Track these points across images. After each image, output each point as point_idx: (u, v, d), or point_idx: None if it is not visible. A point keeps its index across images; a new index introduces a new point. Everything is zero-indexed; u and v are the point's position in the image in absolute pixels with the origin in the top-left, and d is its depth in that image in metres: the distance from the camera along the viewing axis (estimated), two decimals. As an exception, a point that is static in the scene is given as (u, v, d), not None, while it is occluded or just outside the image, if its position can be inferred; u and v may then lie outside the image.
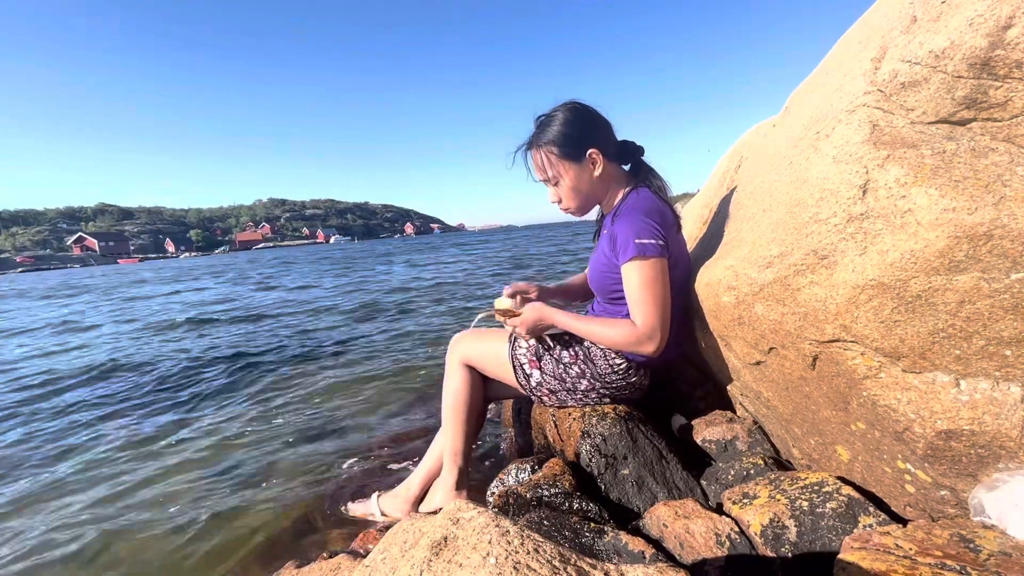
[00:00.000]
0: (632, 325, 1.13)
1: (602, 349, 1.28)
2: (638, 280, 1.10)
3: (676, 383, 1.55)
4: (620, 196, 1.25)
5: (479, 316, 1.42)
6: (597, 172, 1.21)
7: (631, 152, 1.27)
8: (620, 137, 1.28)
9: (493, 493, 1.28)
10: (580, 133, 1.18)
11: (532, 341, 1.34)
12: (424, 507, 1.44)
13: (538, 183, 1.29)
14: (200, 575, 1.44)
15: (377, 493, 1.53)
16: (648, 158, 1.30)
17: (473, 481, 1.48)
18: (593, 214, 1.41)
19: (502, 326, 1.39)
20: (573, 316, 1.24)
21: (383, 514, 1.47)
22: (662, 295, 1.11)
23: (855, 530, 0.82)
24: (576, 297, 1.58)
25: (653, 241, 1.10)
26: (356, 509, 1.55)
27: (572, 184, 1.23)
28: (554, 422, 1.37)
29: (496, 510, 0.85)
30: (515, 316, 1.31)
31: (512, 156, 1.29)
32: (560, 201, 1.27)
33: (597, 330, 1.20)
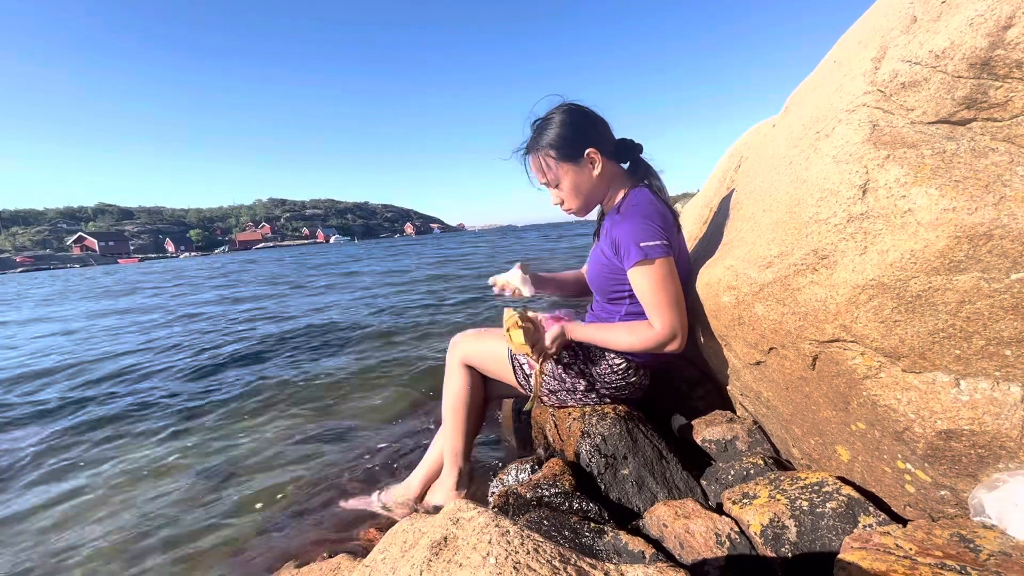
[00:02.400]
0: (651, 328, 1.13)
1: (601, 349, 1.28)
2: (649, 283, 1.10)
3: (676, 383, 1.55)
4: (620, 195, 1.25)
5: (531, 376, 1.32)
6: (596, 171, 1.21)
7: (629, 149, 1.27)
8: (619, 135, 1.28)
9: (493, 493, 1.28)
10: (576, 134, 1.19)
11: None
12: (424, 507, 1.44)
13: (539, 187, 1.29)
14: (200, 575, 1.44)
15: (377, 492, 1.53)
16: (648, 157, 1.30)
17: (473, 481, 1.48)
18: (594, 213, 1.41)
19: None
20: (594, 327, 1.24)
21: (384, 509, 1.47)
22: (675, 294, 1.11)
23: (855, 530, 0.82)
24: (568, 291, 1.57)
25: (657, 242, 1.10)
26: (358, 503, 1.55)
27: (572, 185, 1.23)
28: (554, 422, 1.37)
29: (496, 510, 0.85)
30: (536, 332, 1.25)
31: (510, 161, 1.29)
32: (562, 203, 1.28)
33: (620, 337, 1.19)
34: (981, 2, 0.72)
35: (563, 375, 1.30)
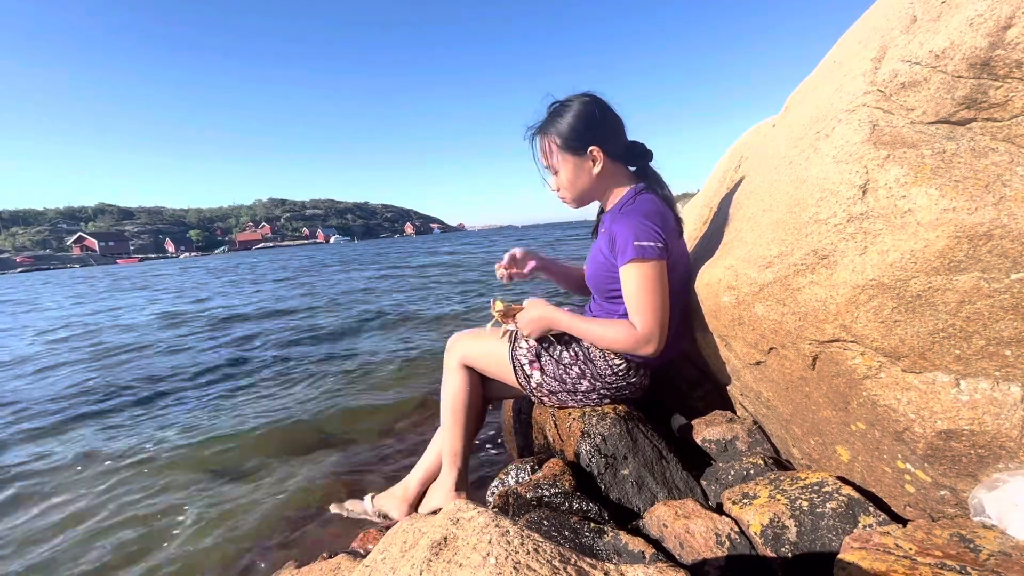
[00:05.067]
0: (631, 327, 1.13)
1: (601, 349, 1.28)
2: (637, 283, 1.11)
3: (676, 383, 1.55)
4: (621, 195, 1.25)
5: (490, 323, 1.41)
6: (596, 170, 1.21)
7: (638, 155, 1.26)
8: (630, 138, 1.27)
9: (493, 493, 1.28)
10: (585, 128, 1.19)
11: (532, 340, 1.33)
12: (423, 508, 1.44)
13: (541, 183, 1.30)
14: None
15: (372, 494, 1.53)
16: (655, 165, 1.29)
17: (473, 481, 1.47)
18: (592, 213, 1.41)
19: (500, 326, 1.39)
20: (573, 316, 1.24)
21: (381, 515, 1.47)
22: (661, 298, 1.11)
23: (855, 530, 0.82)
24: (569, 283, 1.56)
25: (652, 244, 1.10)
26: (354, 509, 1.55)
27: (570, 177, 1.24)
28: (554, 422, 1.37)
29: (496, 510, 0.85)
30: (516, 312, 1.31)
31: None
32: (559, 190, 1.29)
33: (596, 331, 1.20)
34: (981, 2, 0.72)
35: (564, 375, 1.30)
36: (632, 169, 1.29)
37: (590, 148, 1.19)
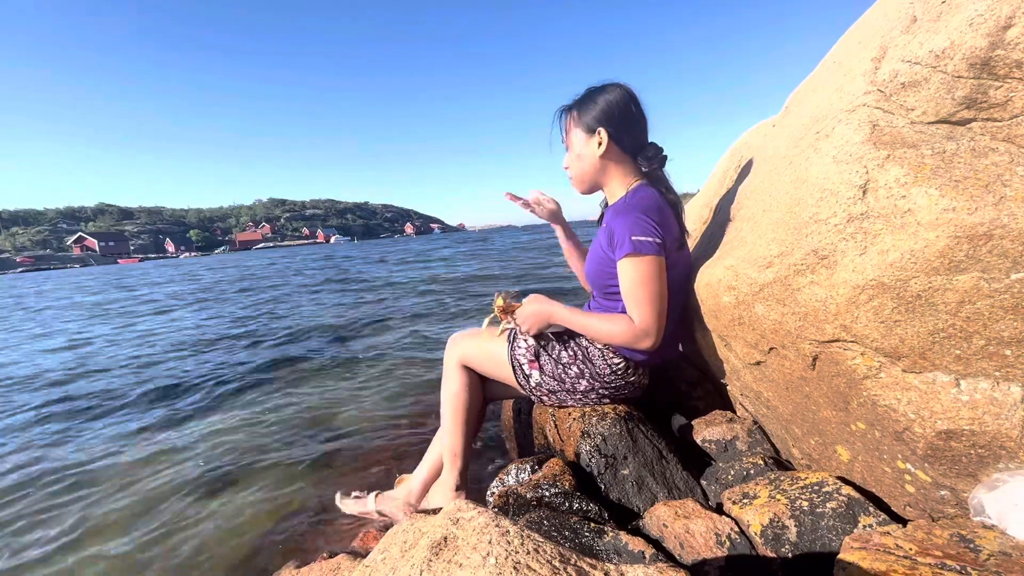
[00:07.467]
0: (629, 321, 1.14)
1: (600, 348, 1.28)
2: (634, 277, 1.11)
3: (676, 383, 1.55)
4: (625, 189, 1.26)
5: (488, 318, 1.42)
6: (599, 152, 1.24)
7: (651, 155, 1.25)
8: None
9: (493, 493, 1.28)
10: (603, 110, 1.22)
11: (531, 340, 1.33)
12: (424, 508, 1.44)
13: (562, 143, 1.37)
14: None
15: (376, 494, 1.53)
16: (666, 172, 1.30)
17: (473, 481, 1.47)
18: (589, 210, 1.42)
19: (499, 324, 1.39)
20: (572, 310, 1.25)
21: (382, 514, 1.47)
22: (658, 292, 1.11)
23: (855, 530, 0.82)
24: (580, 263, 1.56)
25: (649, 239, 1.10)
26: (356, 507, 1.55)
27: (577, 152, 1.28)
28: (554, 422, 1.37)
29: (496, 510, 0.85)
30: (516, 309, 1.32)
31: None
32: (567, 168, 1.34)
33: (595, 324, 1.21)
34: (981, 2, 0.72)
35: (563, 375, 1.30)
36: (644, 169, 1.29)
37: (598, 129, 1.22)
